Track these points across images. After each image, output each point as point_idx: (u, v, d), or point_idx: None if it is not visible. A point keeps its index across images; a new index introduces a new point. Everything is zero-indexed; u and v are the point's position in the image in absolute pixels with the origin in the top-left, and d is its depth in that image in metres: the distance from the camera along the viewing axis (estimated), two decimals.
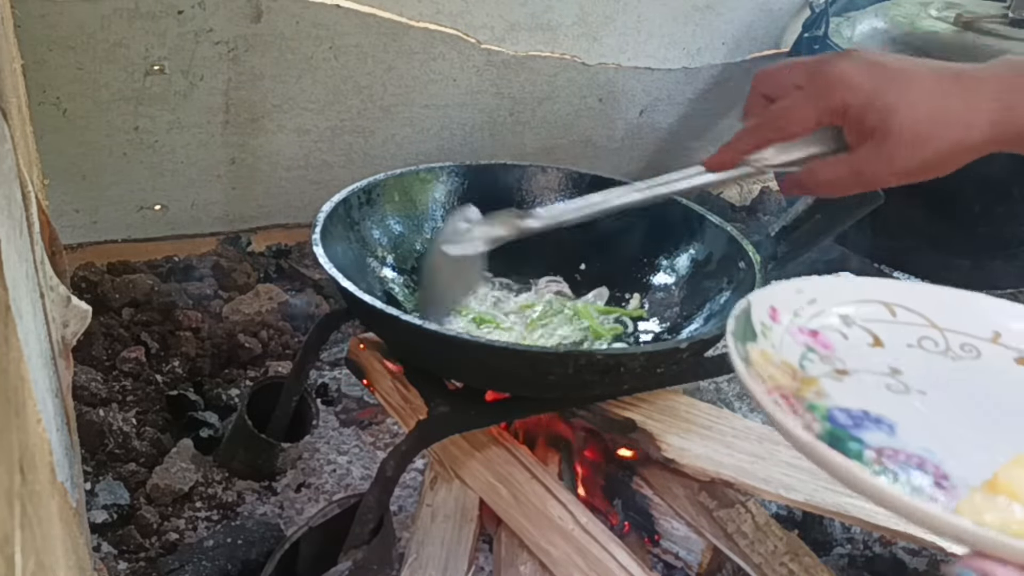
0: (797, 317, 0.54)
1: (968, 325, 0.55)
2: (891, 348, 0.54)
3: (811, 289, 0.55)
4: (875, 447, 0.45)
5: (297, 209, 1.49)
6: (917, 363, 0.53)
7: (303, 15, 1.31)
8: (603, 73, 1.62)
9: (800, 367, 0.51)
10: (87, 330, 0.67)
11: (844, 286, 0.57)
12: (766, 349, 0.51)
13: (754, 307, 0.52)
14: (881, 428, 0.47)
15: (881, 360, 0.53)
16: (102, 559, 0.91)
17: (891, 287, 0.57)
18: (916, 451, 0.45)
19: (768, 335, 0.52)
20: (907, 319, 0.55)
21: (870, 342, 0.54)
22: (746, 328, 0.51)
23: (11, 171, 0.53)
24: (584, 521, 0.78)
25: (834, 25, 1.45)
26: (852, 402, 0.49)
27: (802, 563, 0.81)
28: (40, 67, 1.18)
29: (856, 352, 0.53)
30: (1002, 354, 0.54)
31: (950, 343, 0.54)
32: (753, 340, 0.51)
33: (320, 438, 1.11)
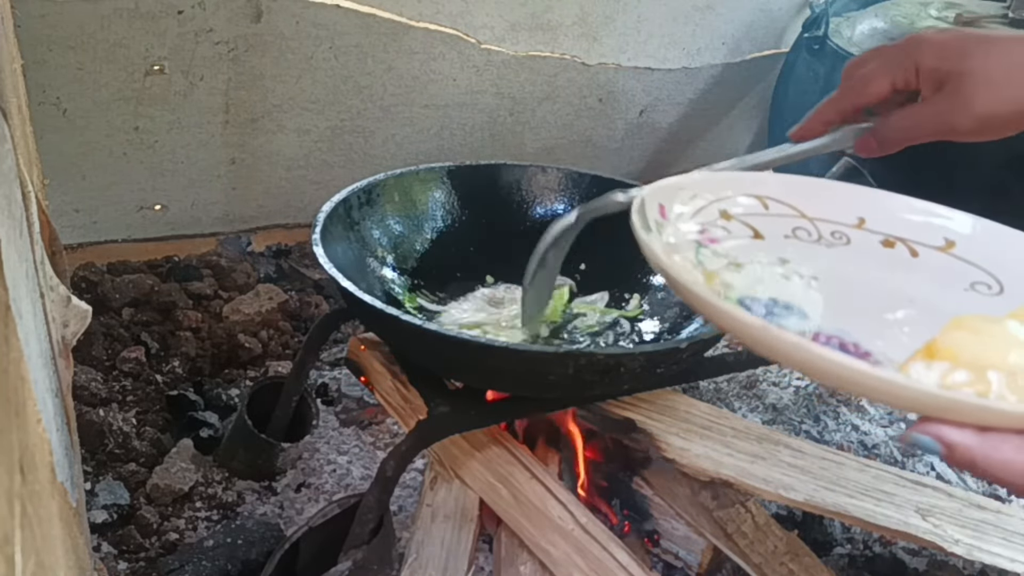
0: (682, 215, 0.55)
1: (834, 213, 0.56)
2: (771, 240, 0.55)
3: (691, 186, 0.56)
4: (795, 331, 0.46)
5: (297, 209, 1.49)
6: (798, 252, 0.54)
7: (303, 15, 1.31)
8: (603, 73, 1.62)
9: (698, 262, 0.52)
10: (87, 330, 0.66)
11: (718, 180, 0.57)
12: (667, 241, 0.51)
13: (647, 204, 0.53)
14: (793, 313, 0.48)
15: (766, 251, 0.54)
16: (102, 559, 0.91)
17: (760, 180, 0.58)
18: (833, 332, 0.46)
19: (661, 231, 0.52)
20: (779, 211, 0.57)
21: (751, 235, 0.55)
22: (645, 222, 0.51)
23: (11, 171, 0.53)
24: (584, 521, 0.78)
25: (834, 25, 1.45)
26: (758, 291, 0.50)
27: (802, 563, 0.81)
28: (40, 67, 1.18)
29: (741, 246, 0.54)
30: (869, 239, 0.55)
31: (821, 232, 0.56)
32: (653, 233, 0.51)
33: (320, 438, 1.11)
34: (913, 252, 0.55)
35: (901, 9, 1.46)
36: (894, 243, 0.55)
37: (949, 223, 0.56)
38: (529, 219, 1.07)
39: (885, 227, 0.56)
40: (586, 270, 1.04)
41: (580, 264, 1.03)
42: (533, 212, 1.08)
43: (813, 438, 1.19)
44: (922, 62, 0.61)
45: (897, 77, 0.62)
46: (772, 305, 0.49)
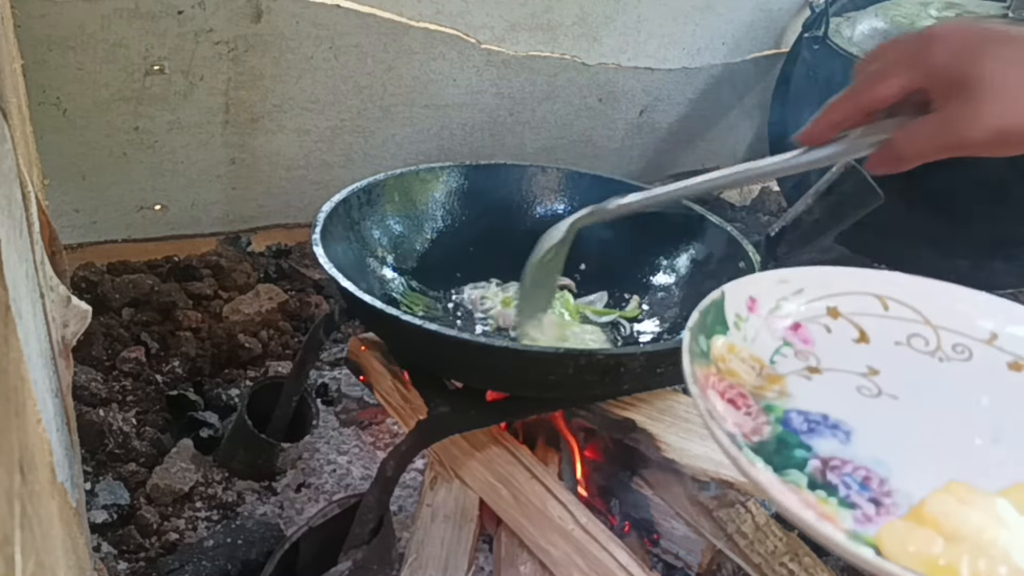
0: (779, 309, 0.51)
1: (964, 324, 0.51)
2: (877, 345, 0.51)
3: (798, 279, 0.52)
4: (823, 456, 0.43)
5: (297, 209, 1.49)
6: (900, 363, 0.50)
7: (303, 15, 1.31)
8: (603, 73, 1.62)
9: (770, 362, 0.48)
10: (87, 330, 0.67)
11: (836, 276, 0.53)
12: (735, 343, 0.48)
13: (729, 297, 0.50)
14: (836, 435, 0.45)
15: (861, 358, 0.50)
16: (102, 559, 0.91)
17: (887, 279, 0.54)
18: (865, 462, 0.43)
19: (741, 327, 0.49)
20: (900, 314, 0.52)
21: (856, 337, 0.51)
22: (715, 320, 0.48)
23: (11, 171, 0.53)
24: (584, 521, 0.78)
25: (834, 25, 1.45)
26: (815, 404, 0.46)
27: (802, 563, 0.81)
28: (40, 67, 1.18)
29: (837, 348, 0.50)
30: (995, 357, 0.50)
31: (942, 342, 0.51)
32: (723, 332, 0.48)
33: (320, 438, 1.11)
34: None
35: (901, 9, 1.46)
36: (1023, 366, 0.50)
37: None
38: (529, 219, 1.07)
39: (1018, 348, 0.50)
40: (586, 270, 1.04)
41: (580, 264, 1.04)
42: (533, 212, 1.08)
43: None
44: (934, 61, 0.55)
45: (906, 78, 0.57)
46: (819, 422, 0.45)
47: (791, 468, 0.42)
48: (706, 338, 0.47)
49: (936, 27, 0.58)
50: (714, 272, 0.97)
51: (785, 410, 0.46)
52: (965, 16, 1.37)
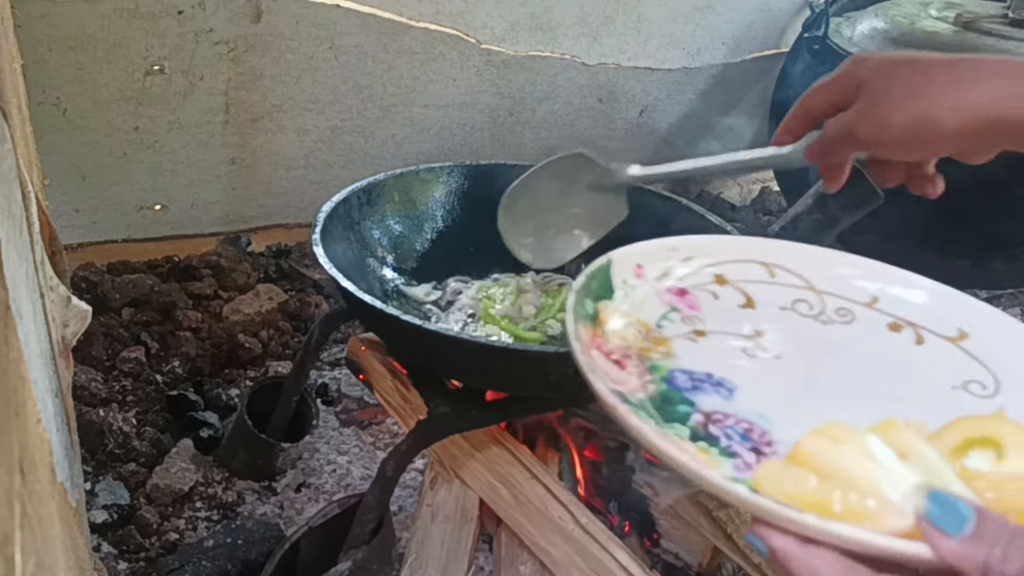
0: (666, 276, 0.52)
1: (848, 289, 0.53)
2: (762, 310, 0.52)
3: (687, 247, 0.54)
4: (706, 411, 0.44)
5: (297, 209, 1.49)
6: (784, 326, 0.51)
7: (303, 15, 1.31)
8: (603, 73, 1.62)
9: (656, 326, 0.50)
10: (87, 330, 0.67)
11: (724, 245, 0.55)
12: (622, 307, 0.49)
13: (616, 264, 0.51)
14: (720, 392, 0.46)
15: (747, 322, 0.51)
16: (102, 559, 0.91)
17: (774, 248, 0.55)
18: (748, 416, 0.44)
19: (629, 293, 0.50)
20: (786, 280, 0.54)
21: (742, 303, 0.53)
22: (602, 285, 0.49)
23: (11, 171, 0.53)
24: (584, 521, 0.78)
25: (834, 25, 1.45)
26: (700, 365, 0.47)
27: None
28: (40, 67, 1.18)
29: (723, 313, 0.52)
30: (876, 319, 0.52)
31: (826, 306, 0.53)
32: (608, 298, 0.49)
33: (320, 438, 1.11)
34: (920, 339, 0.51)
35: (901, 9, 1.46)
36: (902, 327, 0.52)
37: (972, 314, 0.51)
38: None
39: (898, 310, 0.52)
40: None
41: (581, 264, 1.03)
42: None
43: None
44: (849, 78, 0.64)
45: (834, 93, 0.65)
46: (703, 380, 0.46)
47: (674, 422, 0.43)
48: (592, 302, 0.48)
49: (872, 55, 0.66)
50: None
51: (670, 370, 0.47)
52: (965, 15, 1.37)
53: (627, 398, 0.43)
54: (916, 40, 1.34)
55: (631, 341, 0.48)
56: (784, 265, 0.54)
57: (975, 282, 1.38)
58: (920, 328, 0.51)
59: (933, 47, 1.32)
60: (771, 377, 0.48)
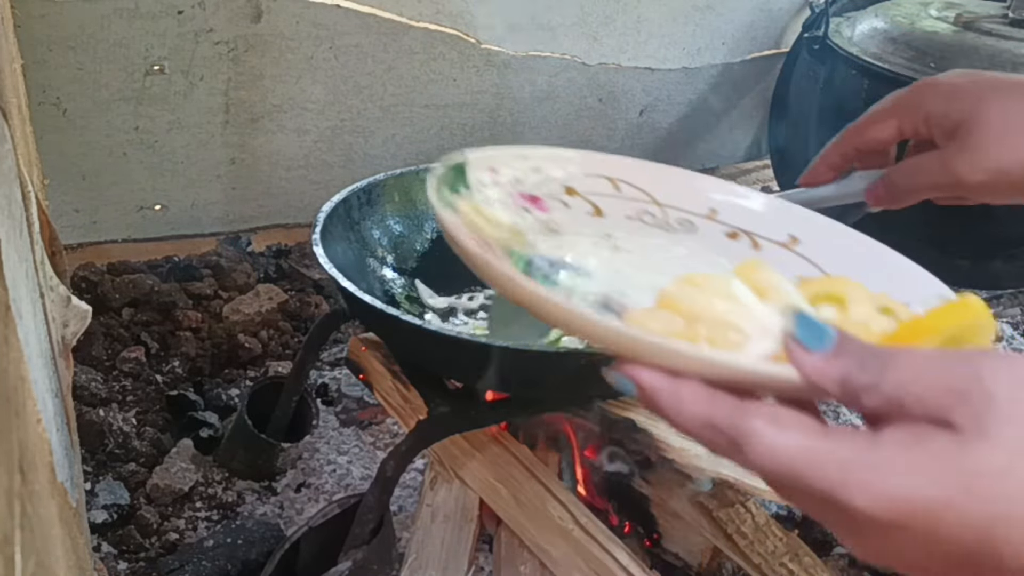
0: (519, 183, 0.54)
1: (688, 202, 0.56)
2: (610, 218, 0.55)
3: (537, 157, 0.55)
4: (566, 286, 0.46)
5: (297, 209, 1.49)
6: (633, 231, 0.54)
7: (303, 15, 1.31)
8: (603, 73, 1.62)
9: (512, 223, 0.51)
10: (87, 330, 0.67)
11: (572, 158, 0.57)
12: (478, 203, 0.50)
13: (471, 166, 0.51)
14: (578, 272, 0.48)
15: (597, 227, 0.54)
16: (102, 559, 0.91)
17: (618, 163, 0.57)
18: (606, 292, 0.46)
19: (484, 191, 0.51)
20: (631, 194, 0.56)
21: (590, 212, 0.55)
22: (457, 179, 0.50)
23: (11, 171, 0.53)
24: (584, 521, 0.78)
25: (834, 25, 1.45)
26: (557, 253, 0.50)
27: (802, 563, 0.81)
28: (40, 67, 1.18)
29: (574, 219, 0.54)
30: (715, 229, 0.55)
31: (669, 218, 0.55)
32: (465, 192, 0.50)
33: (320, 438, 1.11)
34: (755, 244, 0.54)
35: (901, 9, 1.46)
36: (738, 235, 0.55)
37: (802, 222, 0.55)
38: None
39: (735, 220, 0.55)
40: None
41: None
42: None
43: None
44: (932, 108, 0.57)
45: (904, 122, 0.59)
46: (561, 264, 0.49)
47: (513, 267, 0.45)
48: (449, 191, 0.49)
49: (936, 76, 0.59)
50: None
51: (529, 255, 0.49)
52: (965, 15, 1.37)
53: None
54: (916, 40, 1.34)
55: (490, 233, 0.49)
56: (629, 180, 0.56)
57: (975, 282, 1.38)
58: (755, 235, 0.55)
59: (933, 47, 1.32)
60: (625, 265, 0.51)
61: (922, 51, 1.31)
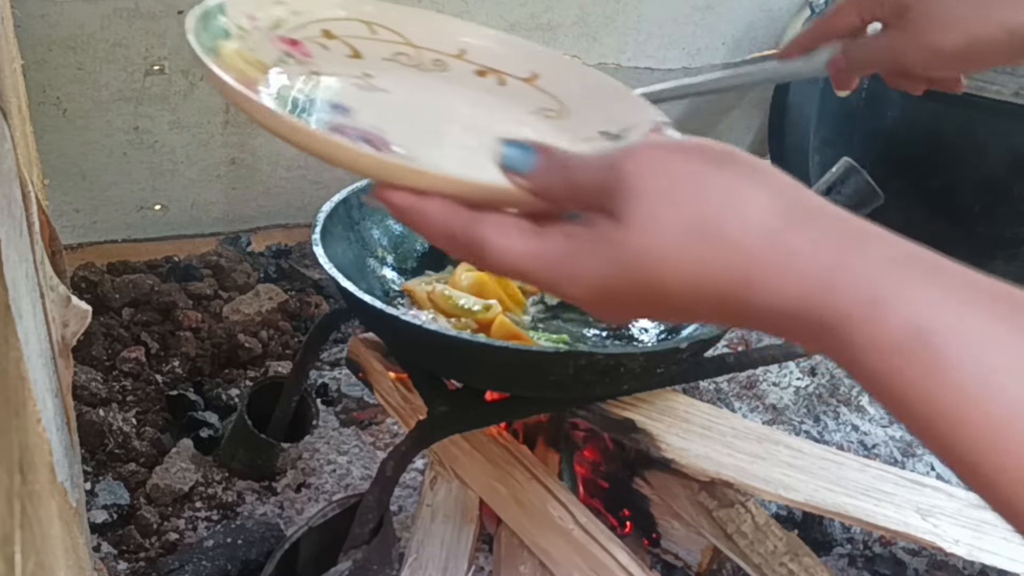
0: (278, 27, 0.55)
1: (440, 44, 0.60)
2: (368, 59, 0.58)
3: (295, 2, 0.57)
4: (329, 123, 0.48)
5: (297, 209, 1.49)
6: (390, 71, 0.57)
7: None
8: None
9: (274, 67, 0.53)
10: (87, 330, 0.66)
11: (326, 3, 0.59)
12: (241, 49, 0.51)
13: (229, 10, 0.52)
14: (338, 111, 0.50)
15: (357, 67, 0.57)
16: (102, 559, 0.91)
17: (373, 6, 0.60)
18: (366, 127, 0.48)
19: (244, 37, 0.52)
20: (386, 37, 0.59)
21: (349, 54, 0.57)
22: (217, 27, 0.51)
23: (11, 171, 0.53)
24: (584, 521, 0.78)
25: None
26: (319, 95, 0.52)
27: (802, 563, 0.81)
28: (40, 67, 1.18)
29: (334, 60, 0.56)
30: (465, 68, 0.60)
31: (423, 58, 0.59)
32: (225, 38, 0.51)
33: (320, 438, 1.11)
34: (502, 81, 0.59)
35: None
36: (486, 73, 0.60)
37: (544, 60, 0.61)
38: None
39: (483, 59, 0.60)
40: None
41: None
42: None
43: (813, 438, 1.19)
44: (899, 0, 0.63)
45: (863, 8, 0.65)
46: (323, 104, 0.51)
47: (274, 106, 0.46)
48: (211, 38, 0.50)
49: None
50: None
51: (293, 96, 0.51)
52: None
53: None
54: None
55: (250, 75, 0.51)
56: (385, 24, 0.60)
57: None
58: (502, 73, 0.60)
59: None
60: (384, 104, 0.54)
61: None
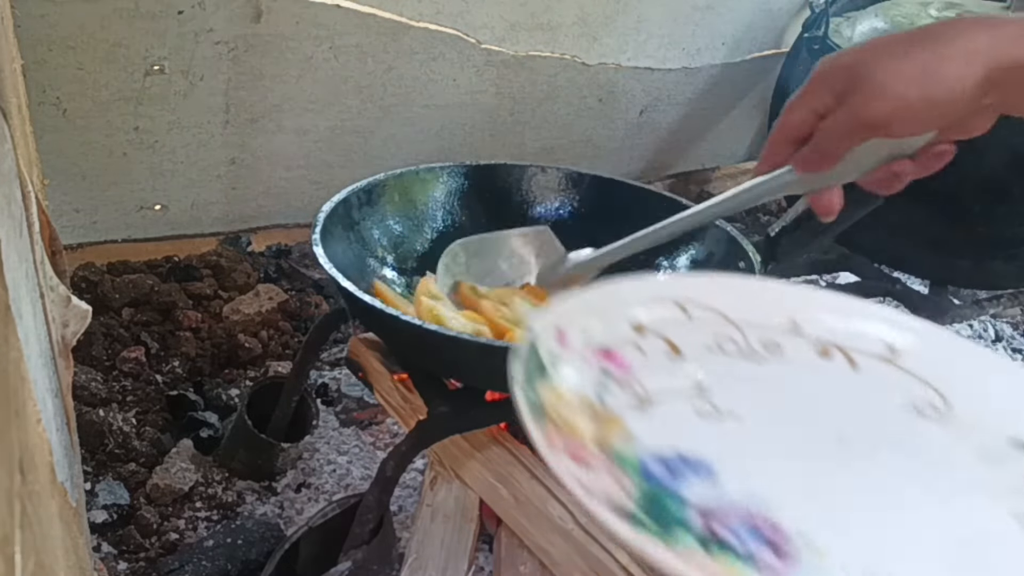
0: (586, 334, 0.48)
1: (763, 316, 0.51)
2: (690, 355, 0.50)
3: (595, 299, 0.50)
4: (699, 506, 0.41)
5: (297, 209, 1.49)
6: (721, 373, 0.49)
7: (303, 15, 1.31)
8: (603, 73, 1.62)
9: (600, 401, 0.46)
10: (87, 330, 0.66)
11: (629, 288, 0.52)
12: (558, 386, 0.45)
13: (540, 335, 0.46)
14: (700, 474, 0.42)
15: (684, 375, 0.49)
16: (102, 559, 0.91)
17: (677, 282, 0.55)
18: (742, 501, 0.41)
19: (559, 366, 0.46)
20: (701, 316, 0.51)
21: (667, 352, 0.50)
22: (533, 364, 0.45)
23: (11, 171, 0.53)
24: (584, 521, 0.78)
25: (834, 25, 1.44)
26: (662, 439, 0.44)
27: None
28: (40, 67, 1.18)
29: (655, 369, 0.48)
30: (803, 347, 0.51)
31: (749, 340, 0.51)
32: (543, 377, 0.45)
33: (320, 438, 1.11)
34: (852, 362, 0.50)
35: (901, 9, 1.45)
36: (830, 351, 0.50)
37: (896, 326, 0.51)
38: (529, 219, 1.07)
39: (821, 331, 0.51)
40: None
41: None
42: (533, 212, 1.08)
43: None
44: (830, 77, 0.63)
45: (815, 99, 0.64)
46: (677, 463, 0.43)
47: (674, 528, 0.40)
48: (533, 389, 0.44)
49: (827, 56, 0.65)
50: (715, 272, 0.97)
51: (638, 458, 0.43)
52: (965, 15, 1.37)
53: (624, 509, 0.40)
54: None
55: (583, 428, 0.44)
56: (695, 299, 0.52)
57: (975, 282, 1.38)
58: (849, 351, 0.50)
59: None
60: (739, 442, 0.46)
61: None
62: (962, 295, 1.37)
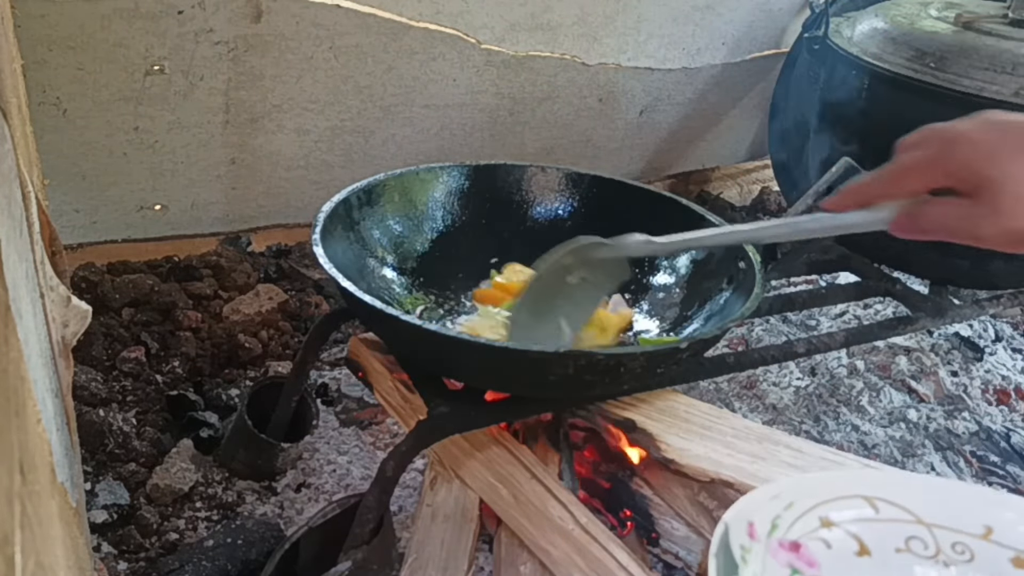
0: (776, 529, 0.49)
1: (956, 519, 0.50)
2: (878, 556, 0.49)
3: (788, 492, 0.51)
4: None
5: (297, 209, 1.49)
6: None
7: (303, 15, 1.31)
8: (603, 73, 1.62)
9: None
10: (87, 330, 0.67)
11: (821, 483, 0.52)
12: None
13: (732, 528, 0.47)
14: None
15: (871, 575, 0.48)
16: (102, 559, 0.91)
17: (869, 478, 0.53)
18: None
19: (748, 560, 0.46)
20: (891, 514, 0.51)
21: (856, 550, 0.50)
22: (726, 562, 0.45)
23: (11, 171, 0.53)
24: (584, 521, 0.78)
25: (834, 25, 1.44)
26: None
27: None
28: (40, 67, 1.18)
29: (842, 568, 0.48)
30: (997, 555, 0.49)
31: (940, 543, 0.50)
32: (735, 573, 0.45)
33: (320, 438, 1.11)
34: None
35: (901, 9, 1.46)
36: None
37: None
38: (529, 219, 1.07)
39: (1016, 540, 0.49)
40: None
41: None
42: (533, 212, 1.08)
43: (813, 438, 1.19)
44: (957, 165, 0.59)
45: (930, 177, 0.61)
46: None
47: None
48: None
49: (968, 128, 0.60)
50: (714, 272, 0.97)
51: None
52: (965, 15, 1.37)
53: None
54: (916, 40, 1.34)
55: None
56: (885, 497, 0.51)
57: (975, 282, 1.38)
58: None
59: (933, 47, 1.32)
60: None
61: (922, 51, 1.31)
62: (962, 295, 1.37)
